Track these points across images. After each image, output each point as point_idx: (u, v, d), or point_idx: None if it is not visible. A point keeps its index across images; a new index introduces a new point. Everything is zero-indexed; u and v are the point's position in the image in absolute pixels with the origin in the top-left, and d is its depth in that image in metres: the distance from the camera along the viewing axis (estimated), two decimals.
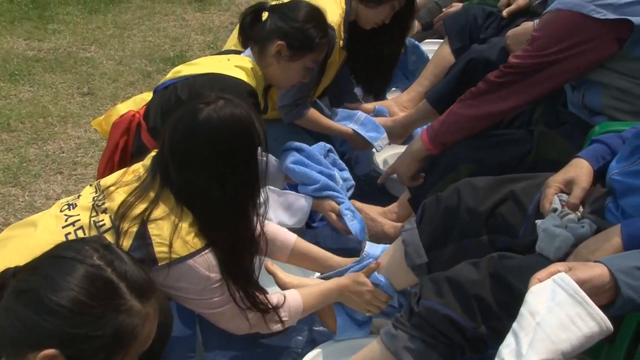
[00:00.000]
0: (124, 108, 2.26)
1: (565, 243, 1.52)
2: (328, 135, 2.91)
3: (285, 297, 1.84)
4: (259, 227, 1.72)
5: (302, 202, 2.34)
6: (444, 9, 3.64)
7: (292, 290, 1.90)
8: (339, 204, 2.34)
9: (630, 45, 1.90)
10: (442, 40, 3.38)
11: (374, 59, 3.03)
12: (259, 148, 1.87)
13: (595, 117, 2.07)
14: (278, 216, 2.28)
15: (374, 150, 3.00)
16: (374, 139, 2.83)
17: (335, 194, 2.37)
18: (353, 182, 2.49)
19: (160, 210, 1.58)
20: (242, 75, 2.14)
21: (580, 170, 1.68)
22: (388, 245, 2.08)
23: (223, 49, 2.89)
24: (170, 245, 1.55)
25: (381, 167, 2.97)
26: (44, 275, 1.12)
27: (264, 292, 1.79)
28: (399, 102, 3.14)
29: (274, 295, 1.83)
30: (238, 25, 2.76)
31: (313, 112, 2.78)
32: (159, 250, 1.56)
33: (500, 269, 1.57)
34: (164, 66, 4.11)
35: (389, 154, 3.09)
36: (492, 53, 2.77)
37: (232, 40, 2.86)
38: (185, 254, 1.57)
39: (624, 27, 1.87)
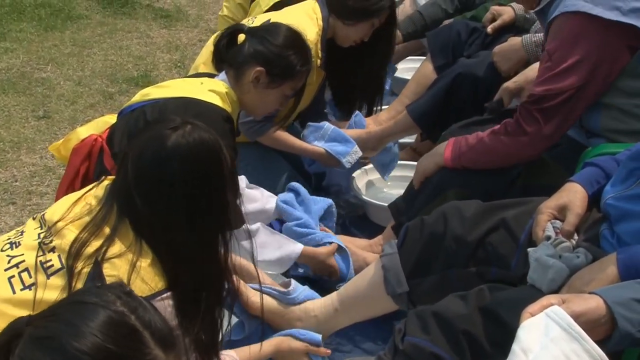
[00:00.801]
0: (84, 132, 2.25)
1: (560, 275, 1.53)
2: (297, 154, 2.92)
3: None
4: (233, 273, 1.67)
5: (293, 247, 2.33)
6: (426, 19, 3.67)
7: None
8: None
9: (637, 59, 1.94)
10: (423, 58, 3.43)
11: (353, 79, 3.05)
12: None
13: (593, 138, 2.10)
14: (264, 255, 2.26)
15: (353, 175, 3.01)
16: (342, 153, 2.82)
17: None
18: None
19: (116, 248, 1.55)
20: (216, 100, 2.15)
21: (573, 195, 1.71)
22: (310, 293, 2.08)
23: (191, 69, 2.90)
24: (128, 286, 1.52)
25: (363, 192, 2.98)
26: (64, 321, 1.12)
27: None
28: (377, 122, 3.16)
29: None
30: (209, 45, 2.78)
31: (277, 130, 2.78)
32: None
33: (491, 302, 1.58)
34: (127, 87, 4.11)
35: (373, 177, 3.10)
36: (480, 68, 2.81)
37: (201, 59, 2.87)
38: (143, 296, 1.53)
39: (633, 35, 1.91)
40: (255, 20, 2.77)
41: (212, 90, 2.17)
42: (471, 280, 1.72)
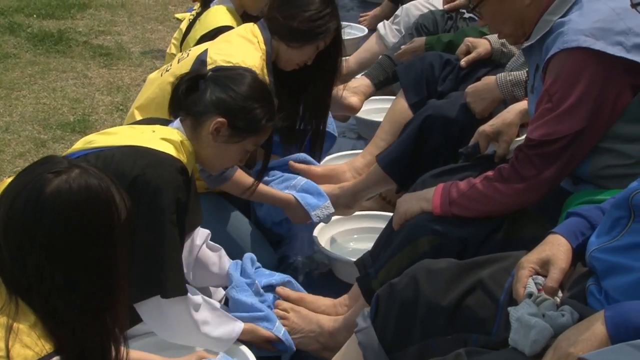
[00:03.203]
0: None
1: (543, 335, 1.55)
2: (259, 203, 2.94)
3: None
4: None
5: (233, 326, 2.34)
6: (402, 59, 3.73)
7: None
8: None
9: (638, 101, 2.00)
10: (388, 97, 3.49)
11: (295, 104, 3.10)
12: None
13: (580, 185, 2.15)
14: (206, 330, 2.26)
15: (317, 228, 3.03)
16: (313, 206, 2.85)
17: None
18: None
19: None
20: (170, 150, 2.16)
21: (557, 248, 1.74)
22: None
23: (127, 116, 2.92)
24: (8, 356, 1.45)
25: (328, 248, 3.00)
26: None
27: None
28: (353, 168, 3.20)
29: None
30: (147, 88, 2.79)
31: (240, 174, 2.80)
32: None
33: None
34: (61, 133, 4.10)
35: (337, 232, 3.11)
36: (451, 110, 2.87)
37: (137, 102, 2.89)
38: None
39: (636, 72, 1.97)
40: (190, 52, 2.83)
41: (166, 138, 2.18)
42: (453, 349, 1.72)
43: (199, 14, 3.35)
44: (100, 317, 1.59)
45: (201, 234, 2.51)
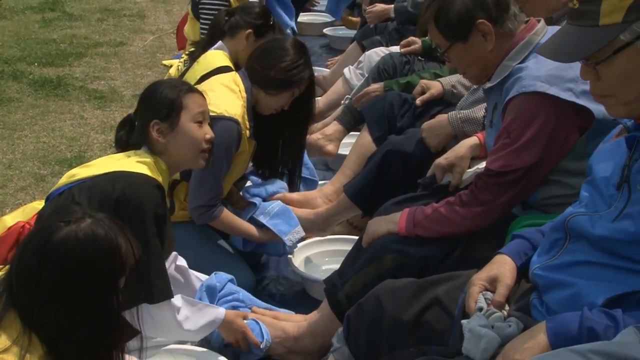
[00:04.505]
0: (10, 220, 2.22)
1: (492, 344, 1.57)
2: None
3: None
4: None
5: (216, 313, 2.35)
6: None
7: None
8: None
9: (585, 139, 2.04)
10: (356, 133, 3.52)
11: (274, 146, 3.12)
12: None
13: (529, 210, 2.18)
14: (188, 325, 2.27)
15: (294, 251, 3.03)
16: (285, 232, 2.87)
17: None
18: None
19: (2, 341, 1.49)
20: (145, 170, 2.19)
21: (503, 267, 1.77)
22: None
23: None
24: None
25: (302, 268, 3.00)
26: None
27: None
28: (323, 194, 3.22)
29: None
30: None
31: (227, 214, 2.83)
32: None
33: None
34: (59, 168, 4.07)
35: (312, 253, 3.11)
36: (409, 145, 2.91)
37: None
38: None
39: (585, 117, 2.01)
40: None
41: (140, 161, 2.21)
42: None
43: (194, 58, 3.36)
44: (101, 355, 1.57)
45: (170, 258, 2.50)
